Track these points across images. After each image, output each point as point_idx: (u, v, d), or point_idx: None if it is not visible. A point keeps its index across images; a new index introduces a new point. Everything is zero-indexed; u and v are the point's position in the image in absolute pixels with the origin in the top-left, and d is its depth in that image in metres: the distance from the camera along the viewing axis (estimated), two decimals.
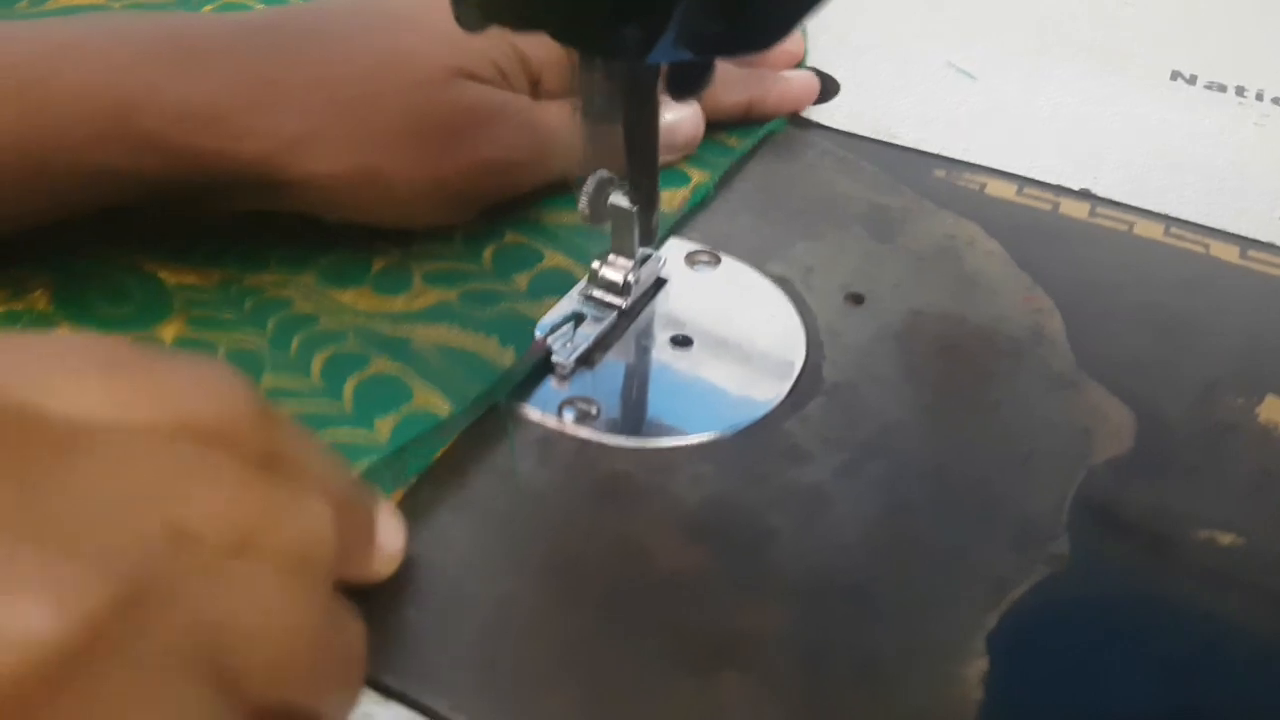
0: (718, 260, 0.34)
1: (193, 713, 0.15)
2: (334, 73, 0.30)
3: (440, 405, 0.28)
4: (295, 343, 0.30)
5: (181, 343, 0.29)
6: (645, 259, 0.32)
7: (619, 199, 0.30)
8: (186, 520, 0.16)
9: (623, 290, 0.31)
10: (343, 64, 0.30)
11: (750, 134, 0.40)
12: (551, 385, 0.30)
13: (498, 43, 0.32)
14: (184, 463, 0.16)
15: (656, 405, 0.30)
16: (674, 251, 0.34)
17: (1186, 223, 0.37)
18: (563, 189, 0.34)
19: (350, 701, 0.19)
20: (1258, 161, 0.41)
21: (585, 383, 0.30)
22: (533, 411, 0.29)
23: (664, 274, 0.33)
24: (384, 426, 0.27)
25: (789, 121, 0.41)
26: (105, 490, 0.15)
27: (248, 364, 0.29)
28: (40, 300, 0.31)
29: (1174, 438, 0.29)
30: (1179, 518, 0.27)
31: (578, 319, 0.31)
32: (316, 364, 0.29)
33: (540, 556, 0.25)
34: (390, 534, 0.23)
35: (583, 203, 0.30)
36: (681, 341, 0.31)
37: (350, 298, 0.31)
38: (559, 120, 0.33)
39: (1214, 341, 0.32)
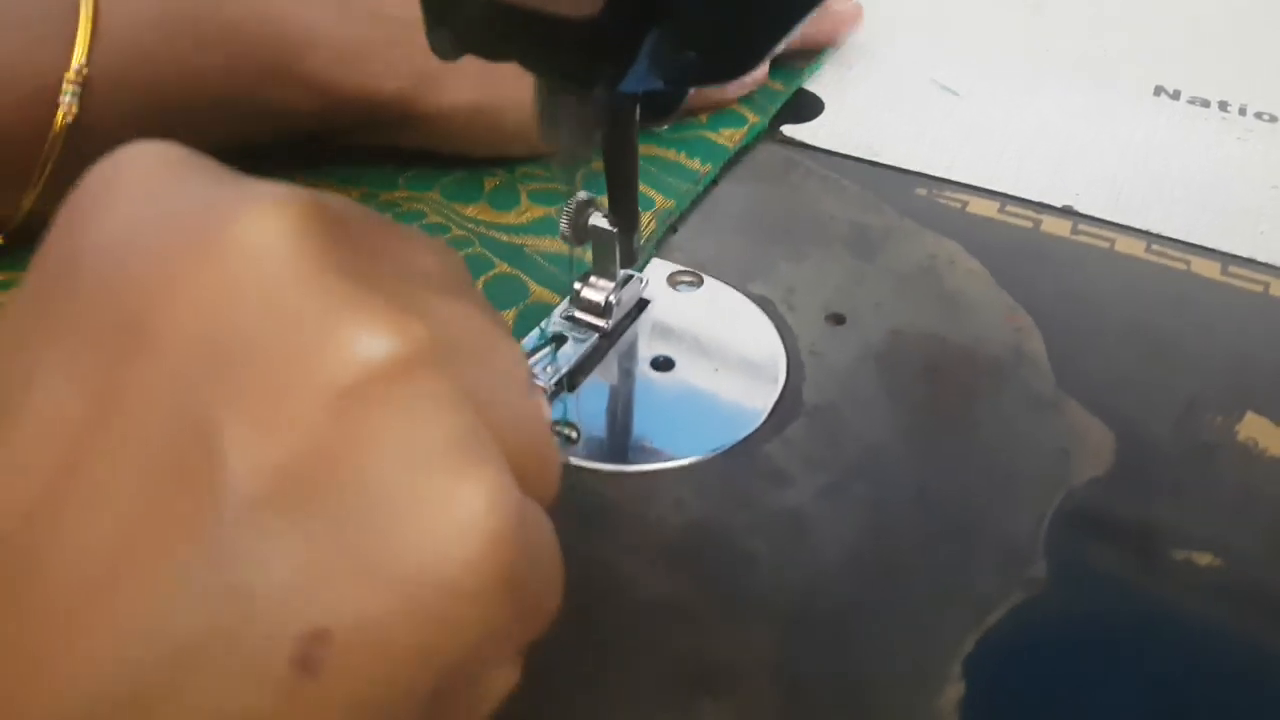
0: (700, 281, 0.34)
1: None
2: None
3: (552, 299, 0.33)
4: None
5: None
6: (627, 280, 0.32)
7: (599, 220, 0.30)
8: None
9: (604, 311, 0.31)
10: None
11: (715, 158, 0.39)
12: None
13: None
14: None
15: (637, 429, 0.30)
16: (656, 272, 0.34)
17: (1168, 239, 0.37)
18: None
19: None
20: (1240, 177, 0.41)
21: (566, 406, 0.30)
22: None
23: (646, 295, 0.33)
24: (508, 317, 0.32)
25: (771, 138, 0.41)
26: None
27: None
28: None
29: (1153, 457, 0.29)
30: (1158, 538, 0.27)
31: (559, 340, 0.31)
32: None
33: None
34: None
35: (563, 224, 0.30)
36: (663, 364, 0.31)
37: (472, 211, 0.36)
38: None
39: (1194, 359, 0.32)
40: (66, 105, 0.30)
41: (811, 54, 0.46)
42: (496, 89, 0.34)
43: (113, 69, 0.30)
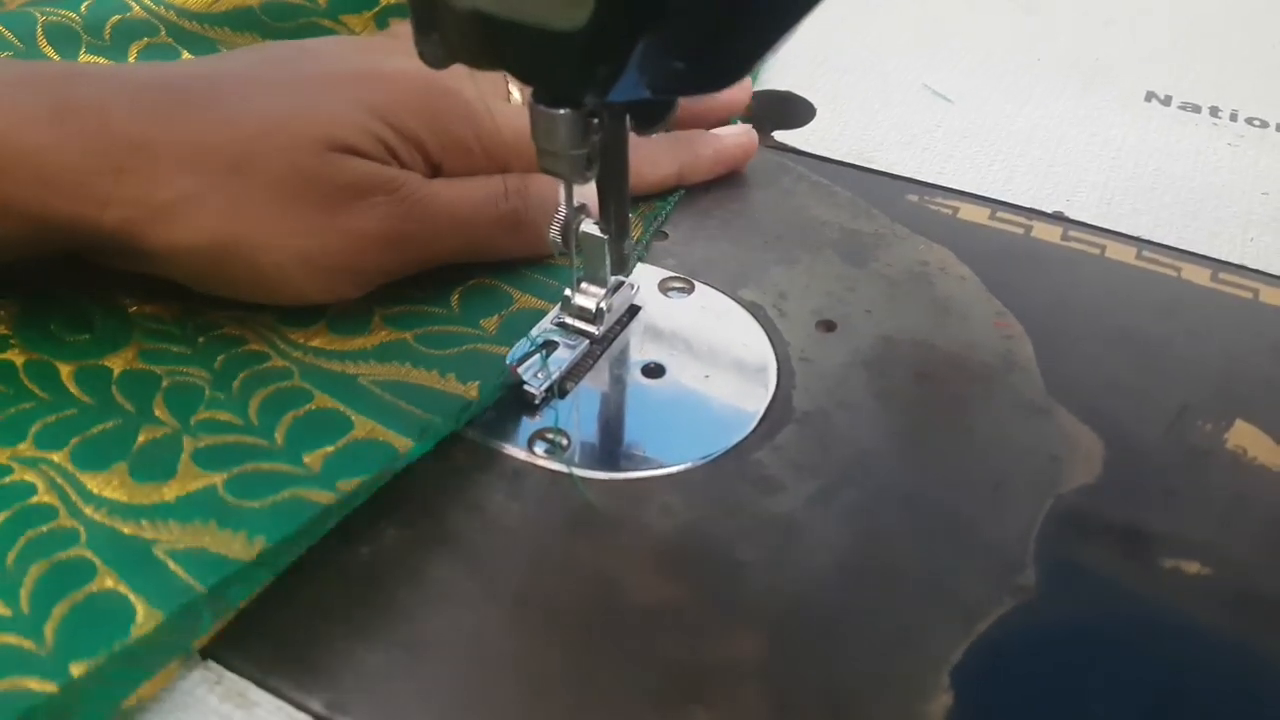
0: (691, 287, 0.34)
1: None
2: (206, 137, 0.29)
3: (384, 434, 0.27)
4: (238, 380, 0.29)
5: (127, 374, 0.29)
6: (618, 286, 0.32)
7: (590, 227, 0.30)
8: None
9: (595, 318, 0.31)
10: (217, 128, 0.29)
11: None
12: (523, 417, 0.30)
13: (389, 119, 0.31)
14: None
15: (628, 436, 0.30)
16: (647, 279, 0.34)
17: (1159, 245, 0.37)
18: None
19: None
20: (1231, 183, 0.41)
21: (556, 413, 0.30)
22: (503, 444, 0.29)
23: (637, 301, 0.33)
24: (314, 460, 0.27)
25: (763, 143, 0.41)
26: None
27: (187, 397, 0.28)
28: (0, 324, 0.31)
29: (1143, 464, 0.29)
30: (1147, 545, 0.27)
31: (549, 347, 0.31)
32: (255, 401, 0.28)
33: (510, 592, 0.25)
34: None
35: (554, 231, 0.30)
36: (654, 370, 0.31)
37: (303, 337, 0.31)
38: (455, 195, 0.32)
39: (1184, 366, 0.32)
40: None
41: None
42: (249, 225, 0.29)
43: None
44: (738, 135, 0.39)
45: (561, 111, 0.23)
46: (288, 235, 0.29)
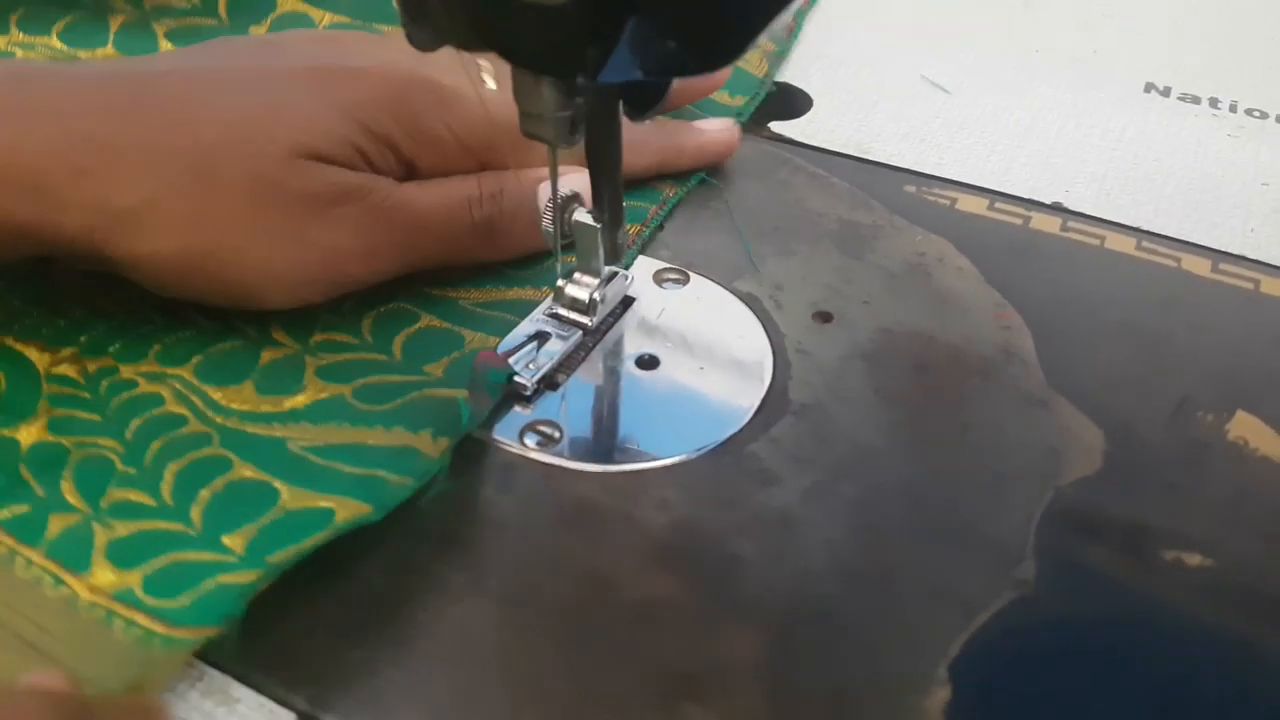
0: (686, 278, 0.34)
1: None
2: (170, 141, 0.27)
3: (320, 501, 0.25)
4: (151, 450, 0.27)
5: (37, 448, 0.27)
6: (612, 277, 0.31)
7: (583, 215, 0.29)
8: None
9: (588, 309, 0.31)
10: (181, 131, 0.28)
11: (682, 183, 0.38)
12: (515, 409, 0.29)
13: (362, 122, 0.29)
14: None
15: (622, 428, 0.29)
16: (642, 269, 0.34)
17: (1159, 236, 0.37)
18: (470, 267, 0.32)
19: None
20: (1231, 174, 0.41)
21: (549, 405, 0.29)
22: (494, 437, 0.28)
23: (631, 293, 0.33)
24: (235, 543, 0.24)
25: (759, 134, 0.41)
26: None
27: (97, 474, 0.26)
28: None
29: (1143, 456, 0.28)
30: (1148, 538, 0.26)
31: (541, 338, 0.30)
32: (169, 475, 0.26)
33: (500, 586, 0.25)
34: None
35: (546, 220, 0.29)
36: (648, 362, 0.31)
37: (224, 396, 0.28)
38: (430, 201, 0.31)
39: (1184, 357, 0.32)
40: None
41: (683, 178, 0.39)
42: (214, 235, 0.28)
43: None
44: (720, 130, 0.38)
45: None
46: (254, 246, 0.28)
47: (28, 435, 0.27)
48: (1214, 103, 0.45)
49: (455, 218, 0.31)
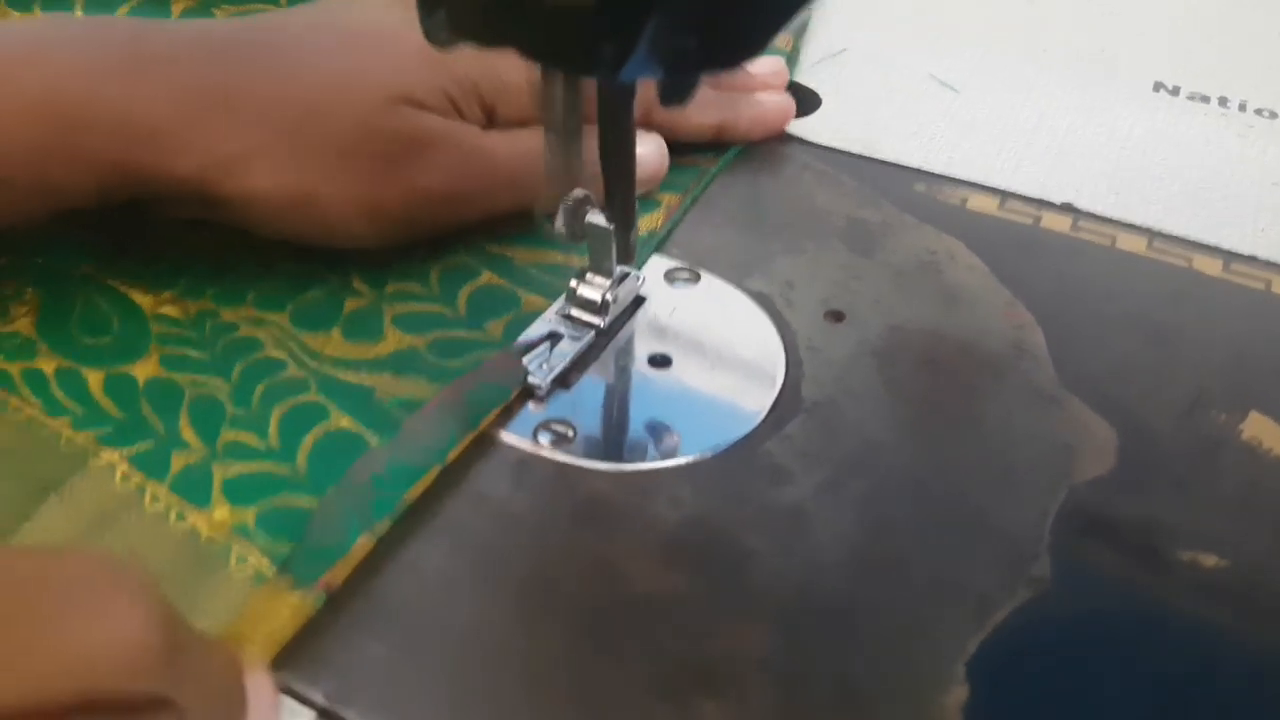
0: (697, 277, 0.34)
1: None
2: (278, 91, 0.30)
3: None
4: (258, 393, 0.29)
5: (152, 385, 0.29)
6: (623, 277, 0.31)
7: (596, 217, 0.29)
8: None
9: (600, 309, 0.31)
10: (288, 82, 0.30)
11: (719, 154, 0.39)
12: (529, 408, 0.29)
13: (450, 70, 0.31)
14: None
15: (634, 427, 0.29)
16: (653, 269, 0.34)
17: (1169, 236, 0.37)
18: (524, 224, 0.33)
19: None
20: (1241, 173, 0.41)
21: (562, 404, 0.29)
22: (508, 435, 0.28)
23: (643, 292, 0.33)
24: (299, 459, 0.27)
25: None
26: None
27: (210, 414, 0.28)
28: (24, 323, 0.30)
29: (1156, 455, 0.28)
30: (1161, 537, 0.26)
31: (554, 338, 0.30)
32: (275, 418, 0.28)
33: (515, 583, 0.25)
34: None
35: (559, 221, 0.29)
36: (660, 361, 0.31)
37: (319, 343, 0.30)
38: (510, 151, 0.32)
39: (1197, 357, 0.32)
40: None
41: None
42: (318, 176, 0.30)
43: None
44: (778, 101, 0.40)
45: None
46: (352, 185, 0.30)
47: (143, 371, 0.29)
48: (1223, 102, 0.45)
49: (533, 168, 0.32)
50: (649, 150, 0.36)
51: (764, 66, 0.40)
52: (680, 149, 0.38)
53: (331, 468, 0.27)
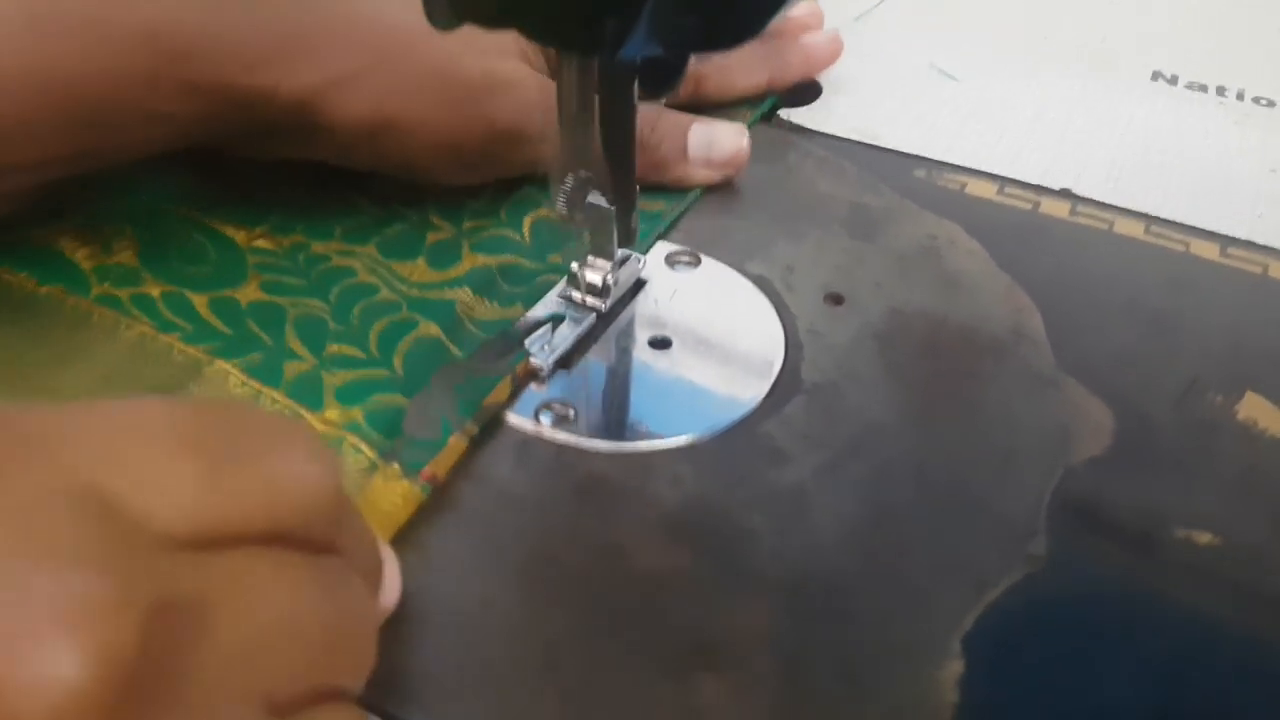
0: (698, 261, 0.34)
1: None
2: (373, 18, 0.31)
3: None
4: (355, 312, 0.31)
5: (256, 306, 0.31)
6: (625, 260, 0.32)
7: (597, 199, 0.29)
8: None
9: (601, 292, 0.31)
10: (380, 18, 0.31)
11: (754, 107, 0.41)
12: (530, 388, 0.29)
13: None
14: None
15: (635, 408, 0.29)
16: (654, 252, 0.34)
17: (1167, 221, 0.37)
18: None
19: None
20: (1238, 160, 0.41)
21: (563, 385, 0.29)
22: (510, 416, 0.28)
23: (644, 275, 0.33)
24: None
25: (768, 122, 0.41)
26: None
27: (314, 330, 0.30)
28: (126, 255, 0.32)
29: (1153, 436, 0.29)
30: (1158, 517, 0.27)
31: (556, 321, 0.31)
32: (374, 334, 0.30)
33: (517, 561, 0.25)
34: (390, 593, 0.23)
35: (560, 202, 0.29)
36: (660, 343, 0.31)
37: (407, 270, 0.33)
38: None
39: (1194, 339, 0.32)
40: None
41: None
42: (408, 105, 0.31)
43: None
44: (824, 41, 0.42)
45: None
46: (433, 117, 0.32)
47: (245, 295, 0.31)
48: (1221, 91, 0.46)
49: None
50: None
51: (799, 9, 0.42)
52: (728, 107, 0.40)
53: (423, 371, 0.29)
